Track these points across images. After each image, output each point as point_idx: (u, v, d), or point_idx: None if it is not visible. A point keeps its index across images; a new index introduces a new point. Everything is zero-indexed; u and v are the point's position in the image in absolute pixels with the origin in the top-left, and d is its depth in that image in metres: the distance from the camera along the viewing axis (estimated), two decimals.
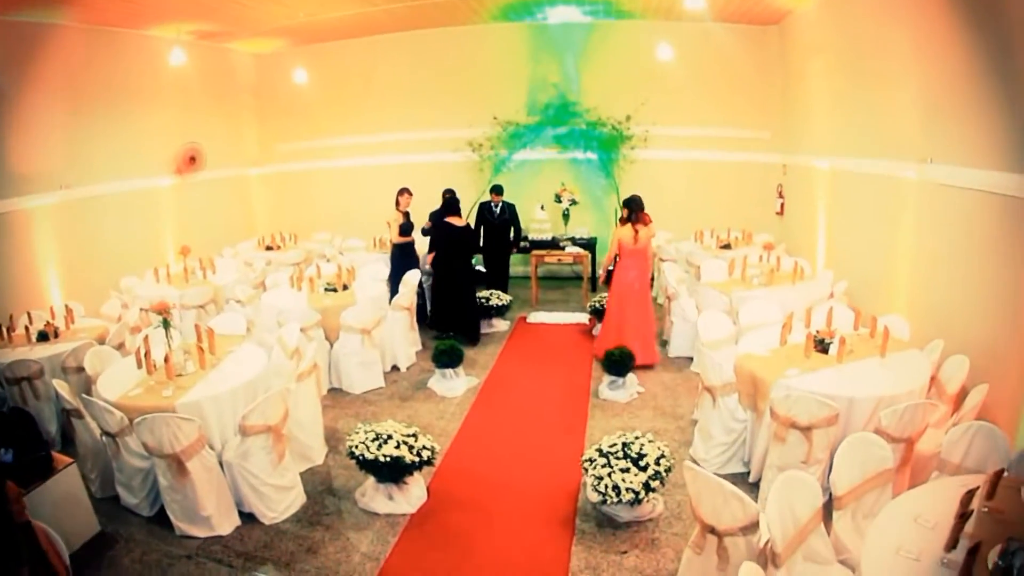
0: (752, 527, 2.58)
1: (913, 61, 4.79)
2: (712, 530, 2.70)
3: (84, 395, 3.81)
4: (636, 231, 5.68)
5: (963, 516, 2.20)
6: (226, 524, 3.66)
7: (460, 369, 5.63)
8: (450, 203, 6.47)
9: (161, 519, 3.71)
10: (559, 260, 8.14)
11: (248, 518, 3.74)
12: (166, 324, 4.22)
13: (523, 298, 8.24)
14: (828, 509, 2.76)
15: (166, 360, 3.98)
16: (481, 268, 8.38)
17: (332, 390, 5.63)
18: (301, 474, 4.11)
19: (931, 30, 4.48)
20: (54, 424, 4.89)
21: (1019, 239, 3.64)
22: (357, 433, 3.82)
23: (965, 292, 4.19)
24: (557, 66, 8.83)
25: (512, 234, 7.93)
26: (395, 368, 6.09)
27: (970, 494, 2.28)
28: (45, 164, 6.49)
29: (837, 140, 6.46)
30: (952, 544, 2.17)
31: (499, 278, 8.01)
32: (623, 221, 5.79)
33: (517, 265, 9.09)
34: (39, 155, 6.44)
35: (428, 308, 7.01)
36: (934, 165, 4.52)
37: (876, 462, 2.83)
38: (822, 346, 4.00)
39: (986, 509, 2.35)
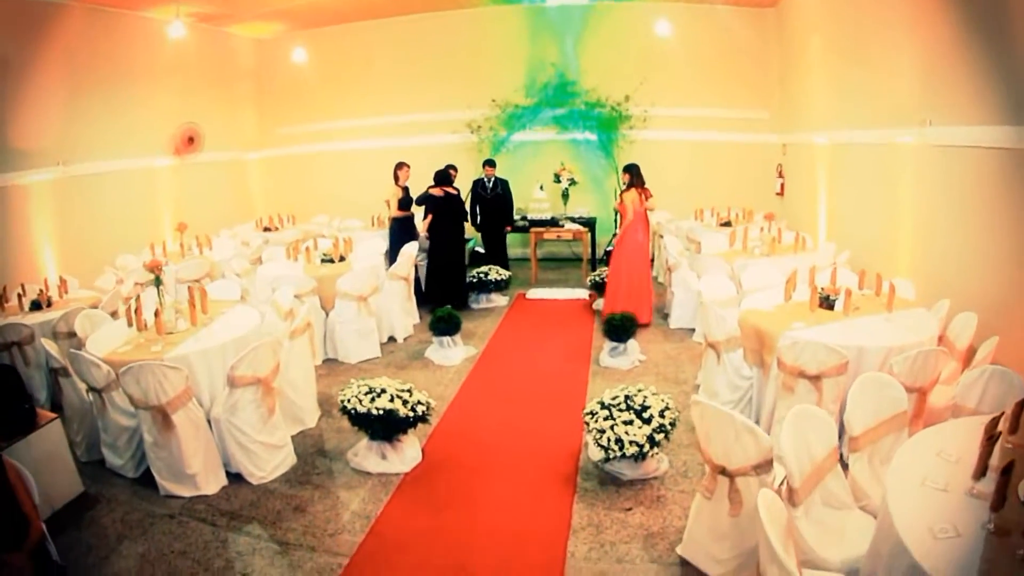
0: (766, 465, 2.46)
1: (909, 27, 4.72)
2: (723, 471, 2.58)
3: (72, 351, 3.69)
4: (639, 194, 5.94)
5: (991, 439, 2.09)
6: (212, 483, 3.53)
7: (458, 338, 5.51)
8: (442, 173, 6.84)
9: (146, 481, 3.59)
10: (558, 236, 8.00)
11: (235, 478, 3.61)
12: (158, 281, 4.10)
13: (522, 277, 8.13)
14: (844, 462, 2.65)
15: (156, 316, 3.87)
16: (480, 249, 8.28)
17: (327, 360, 5.49)
18: (292, 437, 3.99)
19: None
20: (44, 391, 4.79)
21: (1019, 190, 3.56)
22: (350, 387, 3.70)
23: (969, 250, 4.11)
24: (556, 47, 8.74)
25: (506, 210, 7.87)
26: (391, 339, 5.96)
27: (995, 421, 2.17)
28: (43, 141, 6.43)
29: (836, 114, 6.38)
30: (980, 472, 2.06)
31: (497, 256, 7.90)
32: (627, 187, 5.99)
33: (516, 247, 8.98)
34: (38, 132, 6.37)
35: (423, 283, 6.99)
36: (933, 127, 4.46)
37: (890, 403, 2.73)
38: (827, 302, 3.90)
39: (1010, 445, 2.23)
